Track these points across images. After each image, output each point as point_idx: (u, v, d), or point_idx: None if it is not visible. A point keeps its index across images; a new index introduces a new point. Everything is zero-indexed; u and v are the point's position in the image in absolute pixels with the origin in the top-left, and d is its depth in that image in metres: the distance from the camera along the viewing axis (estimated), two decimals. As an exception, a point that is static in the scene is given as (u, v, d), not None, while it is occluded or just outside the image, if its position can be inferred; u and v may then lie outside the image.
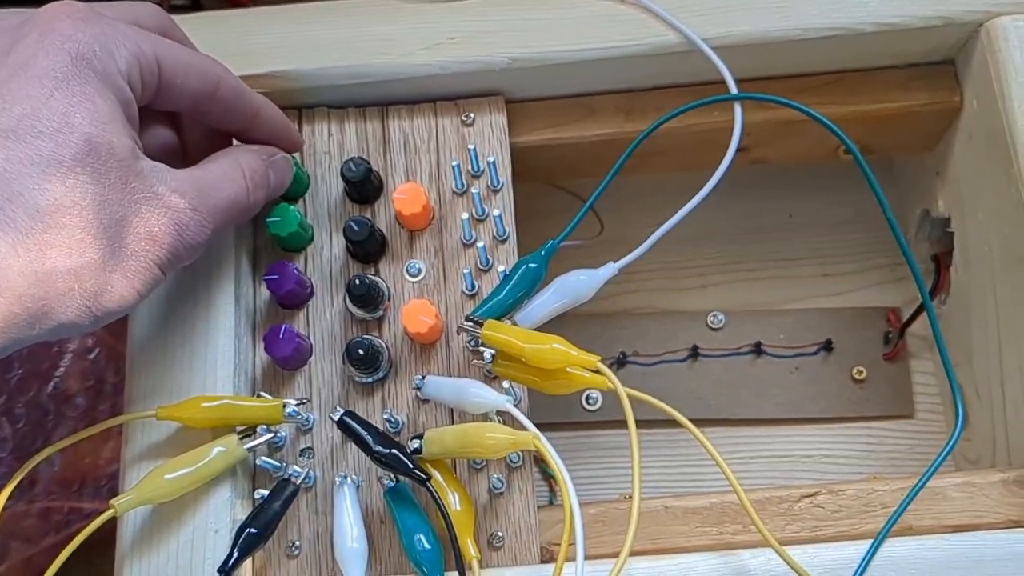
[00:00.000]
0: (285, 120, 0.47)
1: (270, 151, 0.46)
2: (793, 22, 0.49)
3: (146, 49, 0.39)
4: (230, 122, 0.44)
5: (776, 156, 0.57)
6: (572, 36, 0.49)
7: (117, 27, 0.38)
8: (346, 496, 0.42)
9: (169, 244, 0.38)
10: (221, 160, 0.43)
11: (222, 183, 0.41)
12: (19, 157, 0.35)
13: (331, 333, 0.47)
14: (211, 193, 0.40)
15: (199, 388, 0.45)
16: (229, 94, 0.43)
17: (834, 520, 0.44)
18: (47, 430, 0.62)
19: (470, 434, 0.41)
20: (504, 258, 0.48)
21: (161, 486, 0.41)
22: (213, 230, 0.40)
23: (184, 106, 0.42)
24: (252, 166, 0.43)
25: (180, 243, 0.39)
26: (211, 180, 0.41)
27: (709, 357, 0.61)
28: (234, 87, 0.43)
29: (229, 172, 0.42)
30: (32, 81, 0.36)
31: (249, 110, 0.44)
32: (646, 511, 0.45)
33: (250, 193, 0.43)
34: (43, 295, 0.35)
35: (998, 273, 0.50)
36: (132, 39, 0.38)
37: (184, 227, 0.39)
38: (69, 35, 0.37)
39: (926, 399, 0.61)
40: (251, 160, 0.44)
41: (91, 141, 0.36)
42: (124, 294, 0.37)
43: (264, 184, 0.44)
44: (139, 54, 0.38)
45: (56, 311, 0.35)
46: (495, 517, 0.44)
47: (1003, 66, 0.48)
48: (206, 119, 0.44)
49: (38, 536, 0.61)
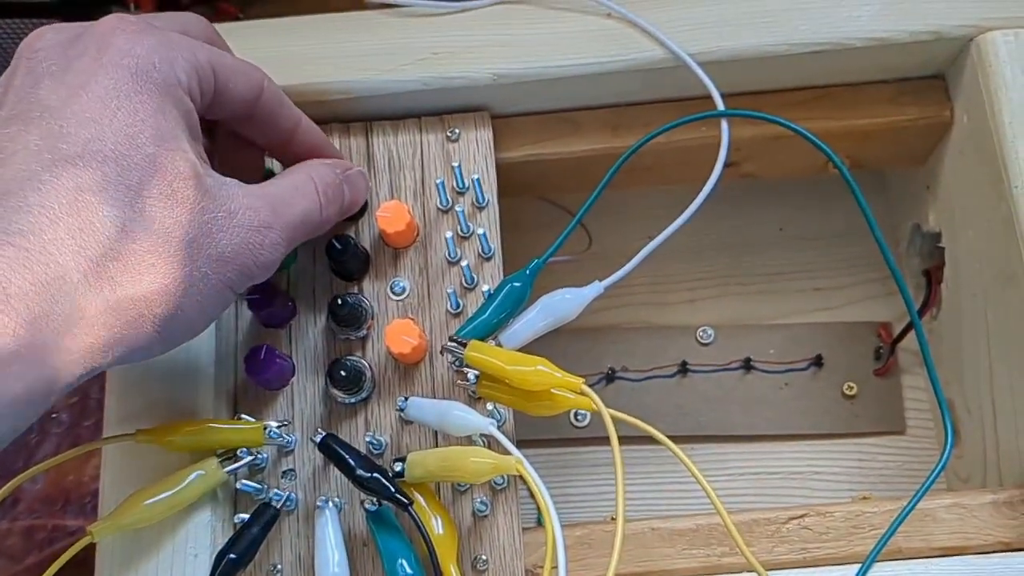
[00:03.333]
0: (322, 135, 0.46)
1: (345, 165, 0.45)
2: (781, 37, 0.48)
3: (201, 58, 0.38)
4: (271, 131, 0.43)
5: (765, 171, 0.56)
6: (558, 51, 0.49)
7: (172, 38, 0.37)
8: (328, 520, 0.42)
9: (241, 264, 0.37)
10: (294, 174, 0.42)
11: (295, 198, 0.40)
12: (88, 184, 0.33)
13: (314, 353, 0.47)
14: (283, 209, 0.39)
15: (179, 410, 0.44)
16: (272, 101, 0.42)
17: (822, 542, 0.44)
18: (30, 447, 0.62)
19: (453, 458, 0.41)
20: (489, 276, 0.47)
21: (139, 511, 0.41)
22: (286, 247, 0.39)
23: (230, 113, 0.41)
24: (326, 180, 0.42)
25: (252, 262, 0.38)
26: (283, 195, 0.40)
27: (698, 373, 0.60)
28: (276, 94, 0.42)
29: (302, 186, 0.41)
30: (94, 102, 0.35)
31: (291, 119, 0.43)
32: (632, 533, 0.44)
33: (323, 208, 0.42)
34: (115, 324, 0.34)
35: (989, 290, 0.50)
36: (188, 49, 0.38)
37: (256, 246, 0.38)
38: (127, 50, 0.36)
39: (917, 415, 0.60)
40: (325, 174, 0.43)
41: (156, 162, 0.35)
42: (194, 318, 0.37)
43: (338, 199, 0.43)
44: (196, 64, 0.38)
45: (128, 339, 0.34)
46: (479, 540, 0.44)
47: (993, 81, 0.47)
48: (247, 128, 0.43)
49: (21, 554, 0.60)
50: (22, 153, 0.33)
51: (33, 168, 0.33)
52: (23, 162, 0.33)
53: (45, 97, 0.35)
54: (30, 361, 0.31)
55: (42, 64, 0.36)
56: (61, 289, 0.32)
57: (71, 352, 0.33)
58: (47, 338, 0.32)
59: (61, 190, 0.33)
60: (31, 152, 0.33)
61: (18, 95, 0.35)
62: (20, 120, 0.34)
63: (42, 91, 0.35)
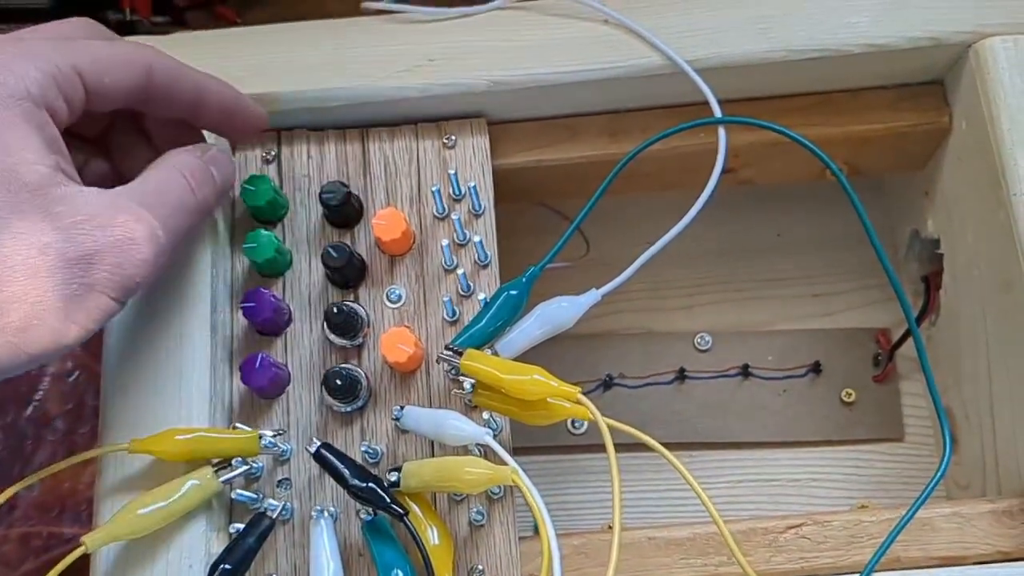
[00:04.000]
0: (237, 95, 0.45)
1: (203, 147, 0.44)
2: (778, 44, 0.48)
3: (61, 62, 0.37)
4: (176, 108, 0.43)
5: (763, 177, 0.56)
6: (555, 58, 0.49)
7: (28, 48, 0.37)
8: (323, 530, 0.41)
9: (110, 264, 0.36)
10: (157, 167, 0.41)
11: (165, 187, 0.40)
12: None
13: (309, 361, 0.46)
14: (154, 200, 0.39)
15: (174, 419, 0.44)
16: (164, 79, 0.41)
17: (820, 552, 0.44)
18: (26, 454, 0.62)
19: (449, 468, 0.40)
20: (486, 284, 0.47)
21: (133, 522, 0.41)
22: (168, 238, 0.38)
23: (122, 102, 0.40)
24: (190, 165, 0.42)
25: (124, 260, 0.37)
26: (151, 188, 0.39)
27: (696, 379, 0.60)
28: (169, 69, 0.42)
29: (168, 176, 0.41)
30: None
31: (192, 89, 0.43)
32: (629, 542, 0.44)
33: (195, 191, 0.41)
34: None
35: (987, 296, 0.49)
36: (43, 57, 0.37)
37: (127, 242, 0.37)
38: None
39: (916, 422, 0.60)
40: (186, 160, 0.42)
41: (4, 173, 0.34)
42: (60, 328, 0.35)
43: (208, 180, 0.42)
44: (54, 72, 0.37)
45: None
46: (475, 550, 0.43)
47: (992, 87, 0.47)
48: (151, 110, 0.42)
49: (17, 561, 0.60)
50: None
51: None
52: None
53: None
54: None
55: None
56: None
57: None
58: None
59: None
60: None
61: None
62: None
63: None
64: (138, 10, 0.68)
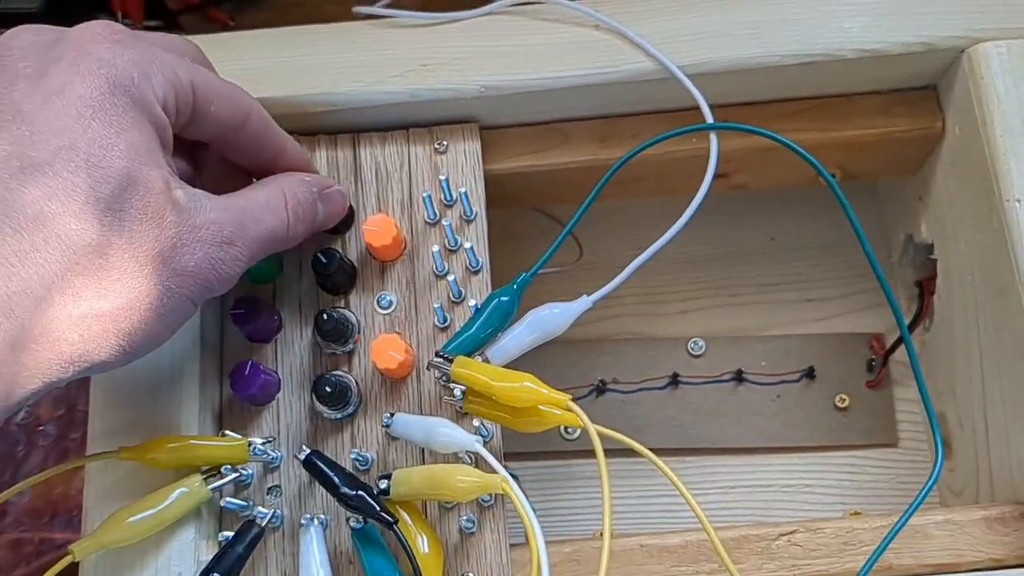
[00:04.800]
0: (308, 159, 0.45)
1: (325, 183, 0.44)
2: (771, 49, 0.48)
3: (182, 76, 0.37)
4: (255, 156, 0.43)
5: (756, 182, 0.56)
6: (547, 63, 0.48)
7: (155, 52, 0.37)
8: (312, 538, 0.41)
9: (203, 279, 0.37)
10: (267, 188, 0.41)
11: (263, 213, 0.40)
12: (56, 194, 0.33)
13: (300, 367, 0.46)
14: (250, 224, 0.39)
15: (163, 426, 0.44)
16: (258, 127, 0.42)
17: (812, 559, 0.43)
18: (17, 459, 0.61)
19: (438, 476, 0.40)
20: (477, 290, 0.47)
21: (122, 530, 0.40)
22: (247, 262, 0.39)
23: (213, 135, 0.40)
24: (299, 198, 0.42)
25: (214, 277, 0.37)
26: (252, 209, 0.39)
27: (689, 385, 0.60)
28: (262, 120, 0.42)
29: (273, 202, 0.41)
30: (68, 110, 0.34)
31: (275, 146, 0.43)
32: (620, 550, 0.44)
33: (291, 227, 0.41)
34: (78, 339, 0.33)
35: (980, 301, 0.49)
36: (169, 65, 0.37)
37: (218, 261, 0.37)
38: (107, 60, 0.35)
39: (910, 427, 0.60)
40: (299, 191, 0.42)
41: (129, 176, 0.34)
42: (157, 331, 0.36)
43: (309, 217, 0.42)
44: (175, 81, 0.37)
45: (91, 354, 0.34)
46: (466, 558, 0.43)
47: (985, 92, 0.47)
48: (231, 152, 0.42)
49: (8, 567, 0.60)
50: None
51: (1, 175, 0.32)
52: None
53: (19, 100, 0.34)
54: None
55: (17, 64, 0.35)
56: (21, 304, 0.31)
57: (27, 368, 0.32)
58: (2, 354, 0.31)
59: (28, 199, 0.32)
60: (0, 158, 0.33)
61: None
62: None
63: (16, 93, 0.34)
64: (130, 14, 0.68)
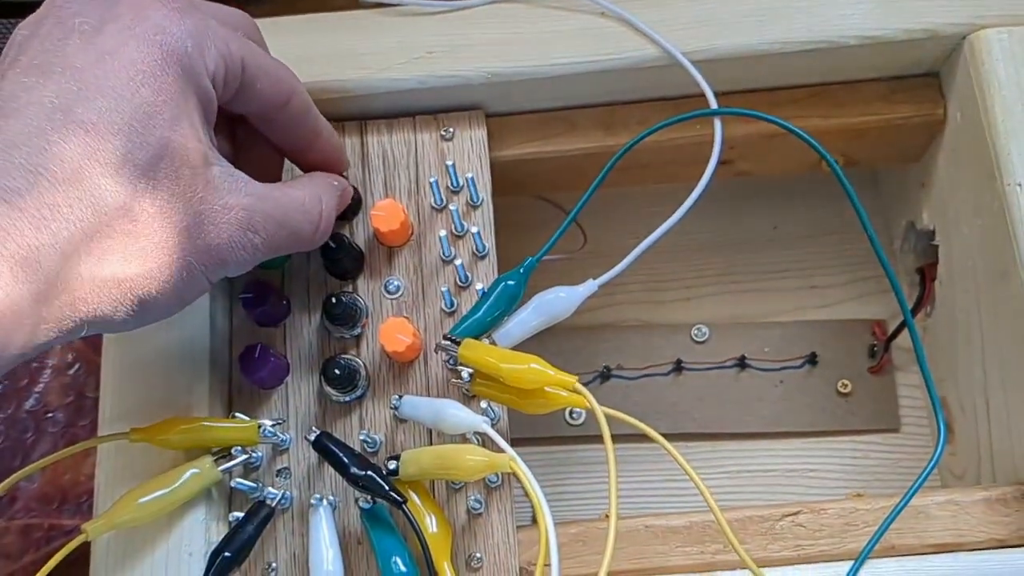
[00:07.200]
0: (342, 148, 0.46)
1: (344, 184, 0.45)
2: (774, 35, 0.48)
3: (234, 50, 0.37)
4: (293, 137, 0.43)
5: (759, 169, 0.56)
6: (552, 50, 0.49)
7: (210, 23, 0.37)
8: (322, 518, 0.42)
9: (222, 259, 0.37)
10: (306, 189, 0.41)
11: (296, 213, 0.40)
12: (95, 154, 0.32)
13: (308, 351, 0.47)
14: (280, 220, 0.39)
15: (174, 409, 0.44)
16: (299, 108, 0.42)
17: (815, 539, 0.44)
18: (27, 447, 0.62)
19: (447, 456, 0.41)
20: (483, 275, 0.47)
21: (134, 510, 0.41)
22: (265, 255, 0.39)
23: (255, 111, 0.40)
24: (331, 204, 0.42)
25: (232, 259, 0.37)
26: (286, 207, 0.39)
27: (693, 371, 0.60)
28: (305, 102, 0.42)
29: (308, 205, 0.41)
30: (119, 72, 0.34)
31: (313, 129, 0.43)
32: (626, 530, 0.44)
33: (317, 233, 0.41)
34: (95, 300, 0.33)
35: (982, 287, 0.50)
36: (222, 38, 0.37)
37: (239, 246, 0.37)
38: (163, 26, 0.35)
39: (912, 412, 0.60)
40: (331, 197, 0.42)
41: (168, 145, 0.34)
42: (171, 303, 0.36)
43: (331, 227, 0.43)
44: (227, 55, 0.37)
45: (104, 315, 0.34)
46: (474, 538, 0.44)
47: (986, 79, 0.47)
48: (269, 130, 0.42)
49: (18, 553, 0.60)
50: (35, 108, 0.33)
51: (43, 126, 0.32)
52: (34, 117, 0.32)
53: (72, 55, 0.34)
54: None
55: (74, 19, 0.35)
56: (48, 256, 0.31)
57: (44, 321, 0.32)
58: (23, 305, 0.31)
59: (67, 155, 0.32)
60: (44, 109, 0.33)
61: (43, 45, 0.34)
62: (40, 71, 0.34)
63: (69, 47, 0.34)
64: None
